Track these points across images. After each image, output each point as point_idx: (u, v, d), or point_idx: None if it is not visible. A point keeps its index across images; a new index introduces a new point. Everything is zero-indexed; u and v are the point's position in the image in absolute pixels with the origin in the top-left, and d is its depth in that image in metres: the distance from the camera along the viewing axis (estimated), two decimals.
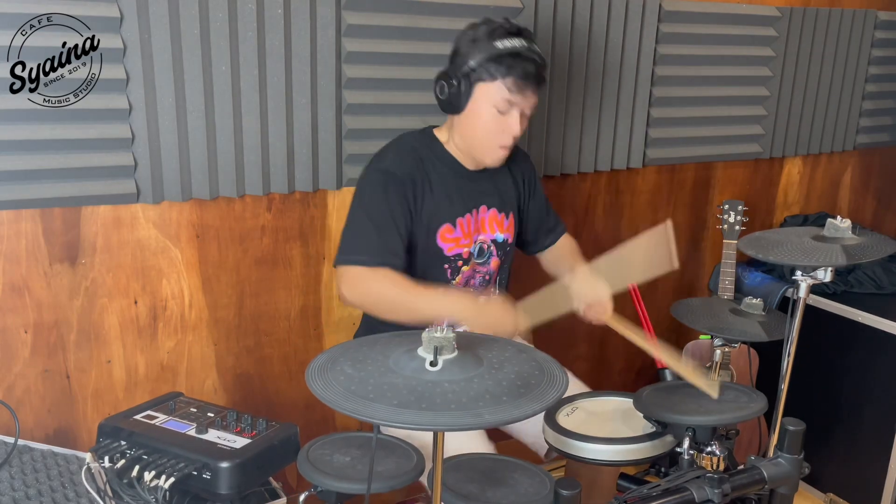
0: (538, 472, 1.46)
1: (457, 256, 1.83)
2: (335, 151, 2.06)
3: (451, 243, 1.81)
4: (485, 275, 1.88)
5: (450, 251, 1.81)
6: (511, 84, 1.65)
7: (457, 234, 1.82)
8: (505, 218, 1.91)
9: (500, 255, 1.90)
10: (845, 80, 3.04)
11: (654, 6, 2.48)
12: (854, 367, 2.54)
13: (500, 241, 1.90)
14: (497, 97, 1.67)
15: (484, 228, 1.87)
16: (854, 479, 2.56)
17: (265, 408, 2.17)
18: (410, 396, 1.04)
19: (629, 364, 2.91)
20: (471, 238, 1.84)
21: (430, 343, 1.10)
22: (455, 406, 1.02)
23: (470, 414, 1.01)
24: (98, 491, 1.42)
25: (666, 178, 2.78)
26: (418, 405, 1.02)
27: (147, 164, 1.83)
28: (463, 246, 1.83)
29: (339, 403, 1.04)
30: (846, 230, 1.59)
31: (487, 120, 1.70)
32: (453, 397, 1.04)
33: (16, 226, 1.79)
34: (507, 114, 1.70)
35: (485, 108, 1.69)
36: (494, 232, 1.89)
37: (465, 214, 1.83)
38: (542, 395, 1.08)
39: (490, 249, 1.88)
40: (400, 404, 1.02)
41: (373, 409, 1.02)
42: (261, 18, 1.87)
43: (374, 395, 1.05)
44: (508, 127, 1.71)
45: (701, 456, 1.49)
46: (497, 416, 1.03)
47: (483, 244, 1.87)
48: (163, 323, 2.00)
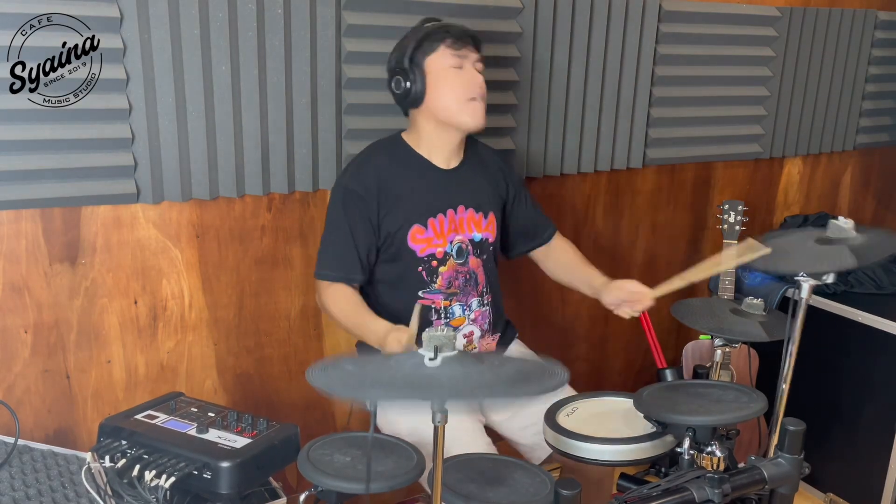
0: (538, 472, 1.46)
1: (430, 257, 1.85)
2: (335, 151, 2.06)
3: (422, 244, 1.84)
4: (466, 275, 1.90)
5: (422, 252, 1.84)
6: (451, 44, 1.78)
7: (428, 234, 1.84)
8: (483, 217, 1.92)
9: (477, 254, 1.92)
10: (845, 80, 3.04)
11: (654, 6, 2.48)
12: (854, 367, 2.54)
13: (477, 241, 1.91)
14: (446, 58, 1.78)
15: (462, 228, 1.89)
16: (854, 479, 2.56)
17: (265, 408, 2.17)
18: (407, 386, 1.05)
19: (629, 364, 2.91)
20: (444, 238, 1.86)
21: (430, 342, 1.11)
22: (451, 393, 1.03)
23: (466, 396, 1.02)
24: (98, 491, 1.42)
25: (666, 178, 2.78)
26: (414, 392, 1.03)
27: (147, 164, 1.83)
28: (436, 246, 1.85)
29: (337, 389, 1.05)
30: (850, 230, 1.58)
31: (450, 79, 1.79)
32: (450, 385, 1.05)
33: (16, 226, 1.79)
34: (463, 68, 1.79)
35: (442, 73, 1.79)
36: (472, 231, 1.91)
37: (437, 214, 1.85)
38: (540, 384, 1.08)
39: (468, 249, 1.90)
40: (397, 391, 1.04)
41: (370, 392, 1.03)
42: (261, 18, 1.87)
43: (371, 385, 1.06)
44: (471, 79, 1.80)
45: (701, 456, 1.49)
46: (494, 396, 1.04)
47: (461, 244, 1.89)
48: (163, 323, 2.00)
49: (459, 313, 1.88)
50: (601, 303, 1.93)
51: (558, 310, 2.66)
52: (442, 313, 1.87)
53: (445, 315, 1.87)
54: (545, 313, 2.63)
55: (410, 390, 1.03)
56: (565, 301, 2.66)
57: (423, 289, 1.85)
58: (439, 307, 1.86)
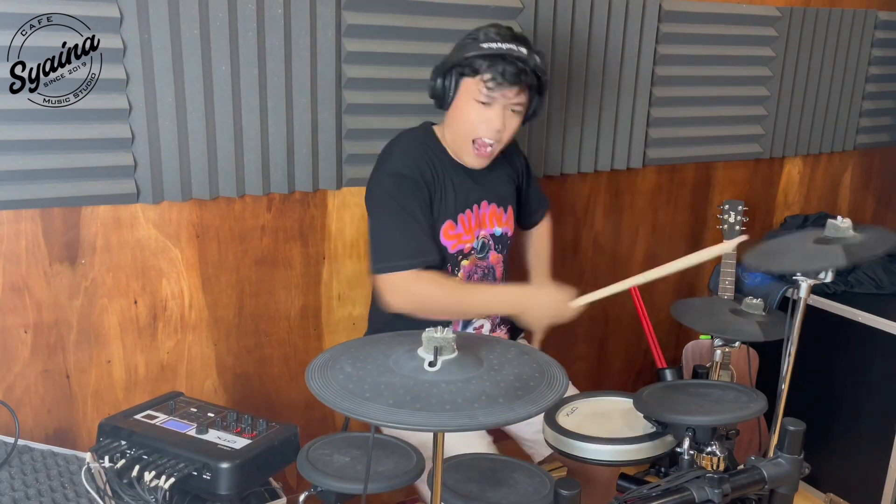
0: (538, 472, 1.46)
1: (458, 253, 1.84)
2: (335, 151, 2.06)
3: (453, 240, 1.82)
4: (485, 269, 1.89)
5: (453, 248, 1.82)
6: (490, 80, 1.67)
7: (458, 230, 1.82)
8: (504, 212, 1.92)
9: (498, 248, 1.91)
10: (845, 80, 3.04)
11: (654, 6, 2.48)
12: (854, 367, 2.54)
13: (498, 235, 1.91)
14: (476, 90, 1.70)
15: (485, 224, 1.88)
16: (854, 479, 2.56)
17: (265, 408, 2.17)
18: (406, 396, 1.04)
19: (629, 364, 2.91)
20: (472, 234, 1.85)
21: (429, 343, 1.10)
22: (450, 407, 1.02)
23: (464, 415, 1.01)
24: (98, 491, 1.42)
25: (666, 178, 2.78)
26: (413, 405, 1.02)
27: (147, 164, 1.83)
28: (465, 242, 1.84)
29: (336, 402, 1.04)
30: (847, 230, 1.58)
31: (469, 111, 1.73)
32: (449, 398, 1.04)
33: (16, 226, 1.79)
34: (489, 106, 1.71)
35: (467, 101, 1.72)
36: (493, 226, 1.90)
37: (465, 210, 1.83)
38: (538, 398, 1.07)
39: (489, 244, 1.89)
40: (395, 404, 1.02)
41: (368, 408, 1.02)
42: (261, 18, 1.87)
43: (370, 395, 1.05)
44: (489, 119, 1.71)
45: (701, 456, 1.49)
46: (491, 418, 1.03)
47: (484, 239, 1.88)
48: (163, 323, 2.00)
49: None
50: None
51: None
52: None
53: None
54: None
55: (410, 411, 1.01)
56: None
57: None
58: None
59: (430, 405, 1.03)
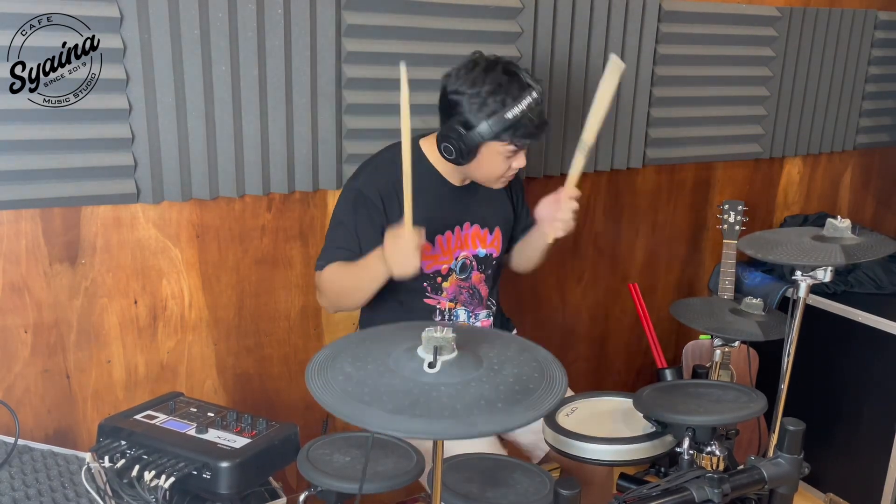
0: (538, 472, 1.46)
1: (435, 273, 1.84)
2: (335, 151, 2.06)
3: (428, 260, 1.81)
4: (469, 289, 1.90)
5: (428, 268, 1.82)
6: (518, 141, 1.69)
7: (435, 251, 1.82)
8: (489, 233, 1.91)
9: (480, 269, 1.91)
10: (845, 80, 3.04)
11: (654, 6, 2.48)
12: (854, 367, 2.54)
13: (481, 257, 1.91)
14: (505, 151, 1.70)
15: (466, 245, 1.88)
16: (854, 479, 2.56)
17: (265, 408, 2.17)
18: (405, 401, 1.03)
19: (629, 364, 2.91)
20: (450, 255, 1.85)
21: (429, 343, 1.10)
22: (449, 413, 1.01)
23: (463, 423, 1.01)
24: (98, 491, 1.42)
25: (666, 178, 2.78)
26: (412, 411, 1.01)
27: (147, 164, 1.83)
28: (441, 263, 1.84)
29: (336, 406, 1.04)
30: (846, 230, 1.59)
31: (497, 163, 1.73)
32: (448, 402, 1.03)
33: (16, 226, 1.79)
34: (515, 153, 1.73)
35: (493, 158, 1.72)
36: (477, 248, 1.90)
37: (444, 232, 1.83)
38: (537, 403, 1.07)
39: (472, 265, 1.89)
40: (395, 409, 1.02)
41: (368, 413, 1.02)
42: (261, 18, 1.87)
43: (369, 399, 1.04)
44: (517, 162, 1.75)
45: (701, 456, 1.49)
46: (490, 426, 1.02)
47: (466, 259, 1.88)
48: (163, 323, 2.00)
49: (464, 318, 1.88)
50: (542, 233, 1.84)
51: (558, 310, 2.66)
52: (447, 315, 1.86)
53: (450, 317, 1.87)
54: (545, 313, 2.63)
55: (409, 418, 1.01)
56: (565, 301, 2.66)
57: (426, 298, 1.84)
58: (444, 308, 1.86)
59: (429, 411, 1.01)
